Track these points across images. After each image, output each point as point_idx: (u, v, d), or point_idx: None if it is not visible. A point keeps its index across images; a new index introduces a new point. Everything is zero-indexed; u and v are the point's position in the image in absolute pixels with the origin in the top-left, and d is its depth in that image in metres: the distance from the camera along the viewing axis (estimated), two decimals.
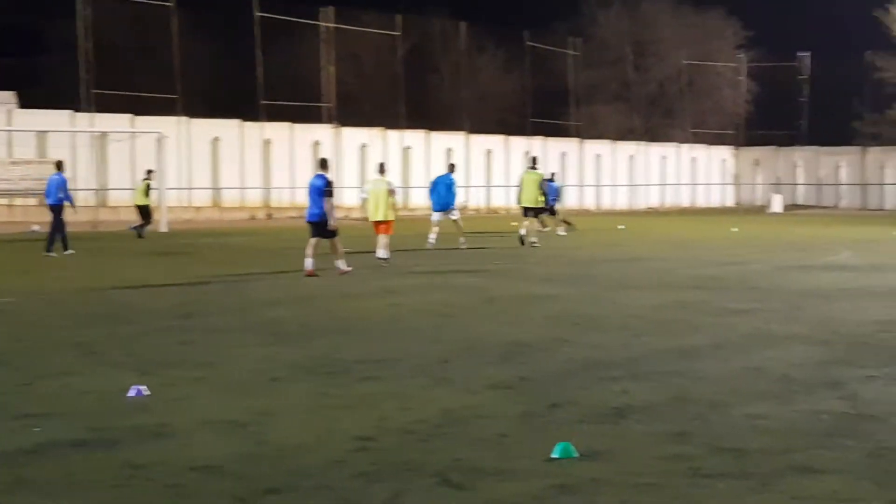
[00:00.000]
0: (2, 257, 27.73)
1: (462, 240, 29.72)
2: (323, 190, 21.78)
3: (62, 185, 27.89)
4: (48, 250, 26.67)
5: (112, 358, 11.95)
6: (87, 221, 41.64)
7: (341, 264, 22.03)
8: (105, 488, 6.95)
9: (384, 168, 25.32)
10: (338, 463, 7.48)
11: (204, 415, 9.01)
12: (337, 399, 9.61)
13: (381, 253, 24.04)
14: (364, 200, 24.94)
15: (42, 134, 45.19)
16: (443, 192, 30.38)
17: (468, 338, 13.26)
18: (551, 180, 37.37)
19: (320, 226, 21.88)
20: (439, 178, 31.03)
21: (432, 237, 29.51)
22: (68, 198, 28.02)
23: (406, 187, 57.66)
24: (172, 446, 8.03)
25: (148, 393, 9.75)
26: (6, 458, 7.66)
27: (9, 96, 47.16)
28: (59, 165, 29.04)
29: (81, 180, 45.82)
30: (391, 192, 24.41)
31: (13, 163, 42.96)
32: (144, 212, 35.83)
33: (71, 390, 10.08)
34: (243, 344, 12.87)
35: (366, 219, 24.99)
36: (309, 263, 21.68)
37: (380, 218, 24.29)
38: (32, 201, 42.74)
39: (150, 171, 37.69)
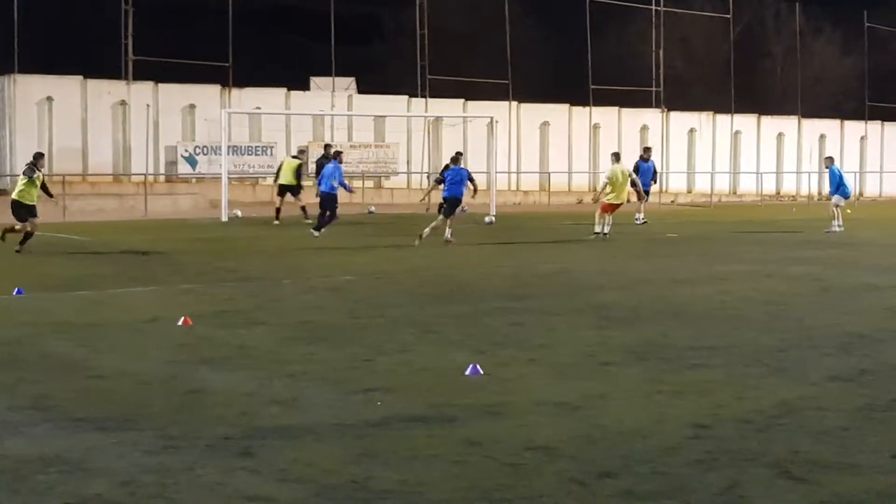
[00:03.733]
0: (346, 237, 28.77)
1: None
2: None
3: None
4: None
5: (445, 336, 12.29)
6: (420, 204, 42.82)
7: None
8: (446, 463, 7.16)
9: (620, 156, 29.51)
10: (673, 449, 7.46)
11: (538, 396, 9.14)
12: (670, 385, 9.56)
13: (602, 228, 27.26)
14: (605, 184, 27.80)
15: (379, 118, 46.75)
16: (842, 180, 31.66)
17: (801, 328, 12.94)
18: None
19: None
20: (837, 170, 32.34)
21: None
22: None
23: (735, 173, 56.61)
24: (508, 425, 8.19)
25: (482, 372, 9.97)
26: (353, 430, 8.01)
27: (349, 82, 48.99)
28: None
29: (415, 164, 47.17)
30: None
31: (352, 146, 44.60)
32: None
33: (410, 367, 10.42)
34: (573, 327, 12.98)
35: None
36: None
37: (623, 200, 27.80)
38: (369, 183, 44.35)
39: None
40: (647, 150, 37.69)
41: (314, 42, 50.10)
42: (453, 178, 26.17)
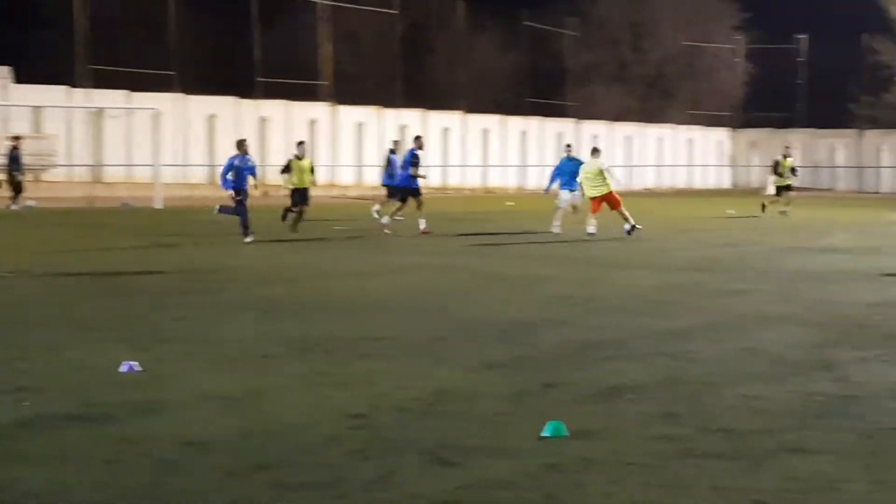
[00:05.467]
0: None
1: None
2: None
3: None
4: None
5: (104, 333, 11.94)
6: (83, 197, 41.59)
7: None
8: (98, 463, 6.95)
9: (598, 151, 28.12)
10: (330, 440, 7.47)
11: (196, 391, 9.00)
12: (331, 377, 9.59)
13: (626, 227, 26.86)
14: (579, 184, 27.43)
15: (38, 109, 45.04)
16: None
17: (466, 318, 13.24)
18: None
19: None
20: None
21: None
22: None
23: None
24: (164, 421, 8.02)
25: (139, 369, 9.73)
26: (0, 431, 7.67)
27: (4, 71, 46.93)
28: None
29: (77, 156, 45.73)
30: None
31: (8, 138, 42.72)
32: None
33: (63, 365, 10.06)
34: (238, 321, 12.86)
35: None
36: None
37: (596, 194, 26.92)
38: (28, 176, 42.63)
39: None
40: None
41: None
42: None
